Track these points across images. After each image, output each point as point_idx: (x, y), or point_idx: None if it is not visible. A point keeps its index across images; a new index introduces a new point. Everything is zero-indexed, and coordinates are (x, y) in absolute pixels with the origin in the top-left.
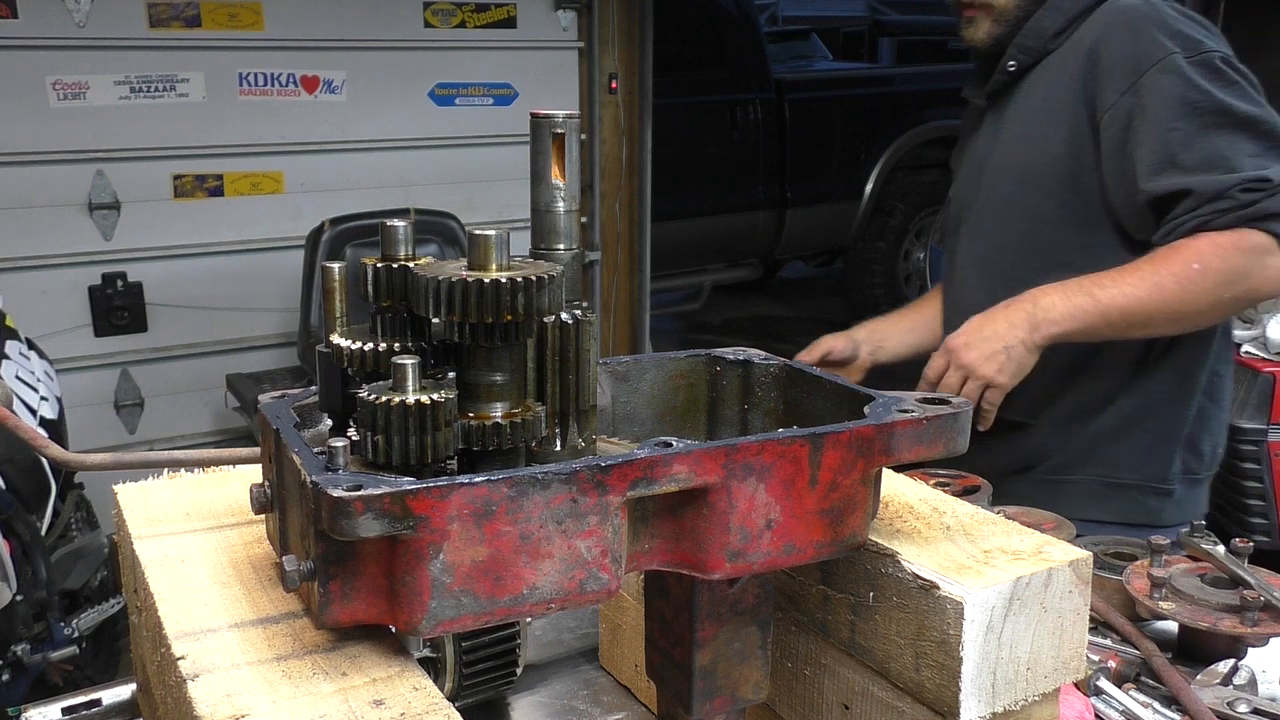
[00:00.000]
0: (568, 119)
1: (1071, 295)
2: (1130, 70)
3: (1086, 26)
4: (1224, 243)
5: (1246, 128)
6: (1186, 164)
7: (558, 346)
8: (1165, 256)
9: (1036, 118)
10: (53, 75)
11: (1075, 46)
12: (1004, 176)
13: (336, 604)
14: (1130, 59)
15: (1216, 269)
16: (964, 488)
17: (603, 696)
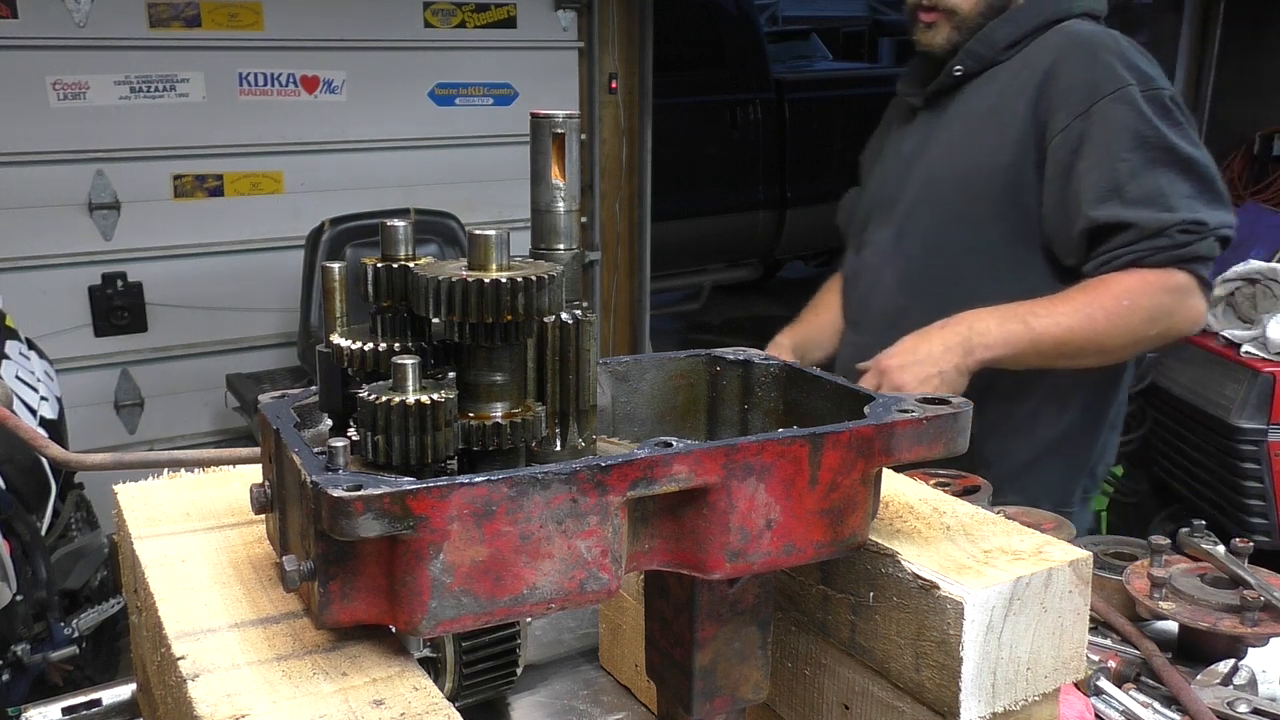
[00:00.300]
0: (568, 119)
1: (1006, 321)
2: (1085, 96)
3: (1040, 45)
4: (1154, 281)
5: (1186, 169)
6: (1129, 196)
7: (558, 346)
8: (1097, 289)
9: (981, 127)
10: (53, 75)
11: (1027, 63)
12: (941, 181)
13: (336, 604)
14: (1086, 85)
15: (1145, 306)
16: (964, 488)
17: (603, 696)
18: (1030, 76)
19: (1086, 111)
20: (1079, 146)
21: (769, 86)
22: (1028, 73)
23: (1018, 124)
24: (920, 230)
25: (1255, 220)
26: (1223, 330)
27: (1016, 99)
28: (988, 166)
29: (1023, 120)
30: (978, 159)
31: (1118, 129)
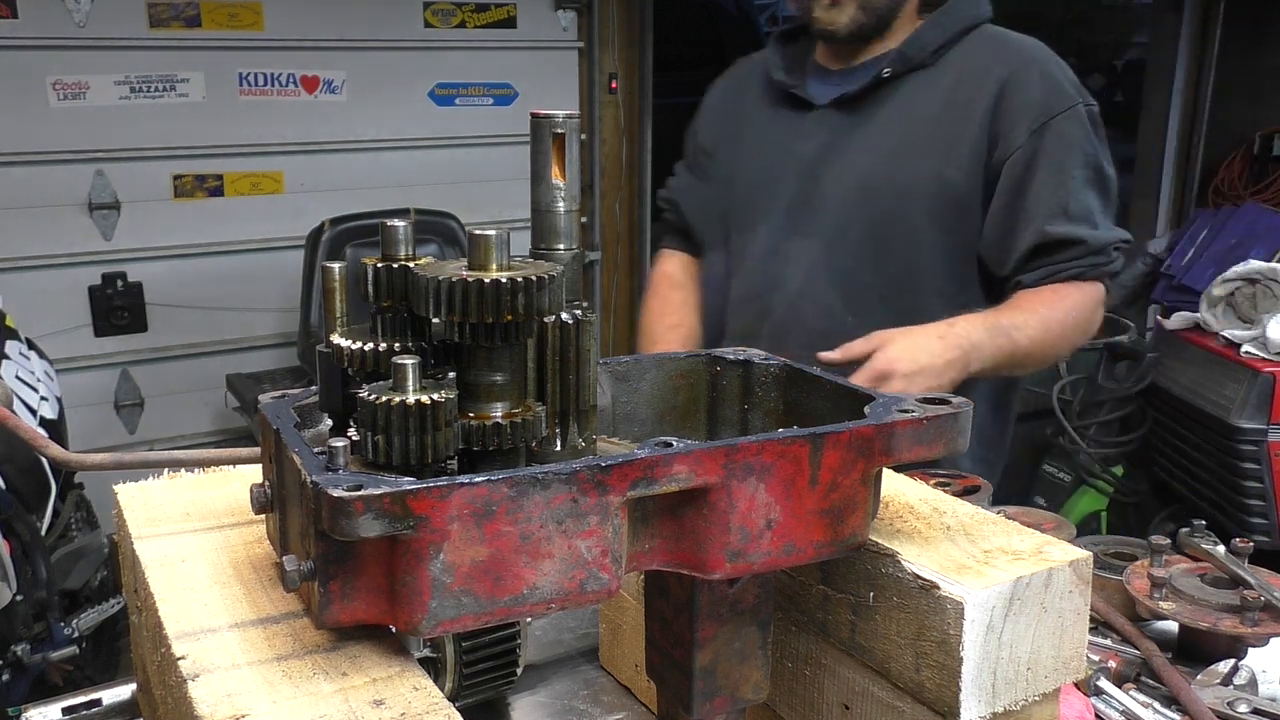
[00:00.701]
0: (568, 119)
1: (995, 337)
2: (1041, 113)
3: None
4: (1090, 294)
5: (1106, 187)
6: (1073, 213)
7: (558, 346)
8: (1051, 301)
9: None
10: (53, 75)
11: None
12: (878, 191)
13: (336, 604)
14: (1042, 102)
15: (1085, 319)
16: (964, 488)
17: (603, 696)
18: (981, 87)
19: (1041, 129)
20: (1032, 162)
21: None
22: (975, 83)
23: (971, 136)
24: (856, 243)
25: (1255, 220)
26: (1223, 330)
27: (968, 109)
28: (935, 177)
29: (976, 136)
30: (923, 169)
31: (1069, 146)
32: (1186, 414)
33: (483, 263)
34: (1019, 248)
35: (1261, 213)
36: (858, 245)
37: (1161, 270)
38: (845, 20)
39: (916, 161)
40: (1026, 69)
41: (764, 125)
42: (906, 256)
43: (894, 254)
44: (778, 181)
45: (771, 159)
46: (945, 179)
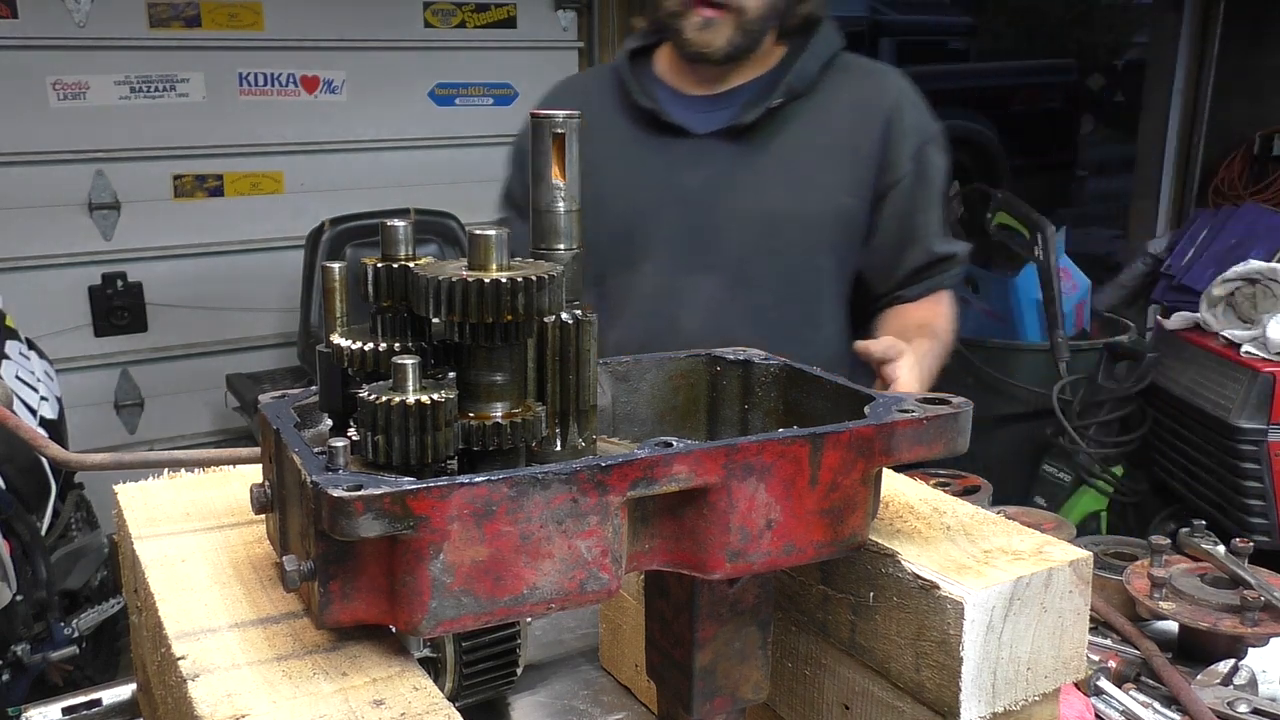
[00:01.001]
0: (568, 119)
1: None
2: (918, 139)
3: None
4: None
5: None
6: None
7: (558, 346)
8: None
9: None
10: (53, 75)
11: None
12: (781, 224)
13: (336, 604)
14: (918, 129)
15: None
16: (964, 488)
17: (603, 696)
18: (870, 116)
19: (918, 154)
20: (915, 186)
21: None
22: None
23: (864, 165)
24: (766, 278)
25: (1255, 220)
26: (1223, 330)
27: (860, 139)
28: (836, 208)
29: (868, 161)
30: (825, 200)
31: (939, 170)
32: (1186, 414)
33: (483, 263)
34: (907, 267)
35: (1261, 213)
36: (765, 280)
37: (1161, 270)
38: (722, 43)
39: (818, 193)
40: (903, 97)
41: (632, 155)
42: (812, 289)
43: (800, 287)
44: (659, 216)
45: (648, 191)
46: (844, 209)
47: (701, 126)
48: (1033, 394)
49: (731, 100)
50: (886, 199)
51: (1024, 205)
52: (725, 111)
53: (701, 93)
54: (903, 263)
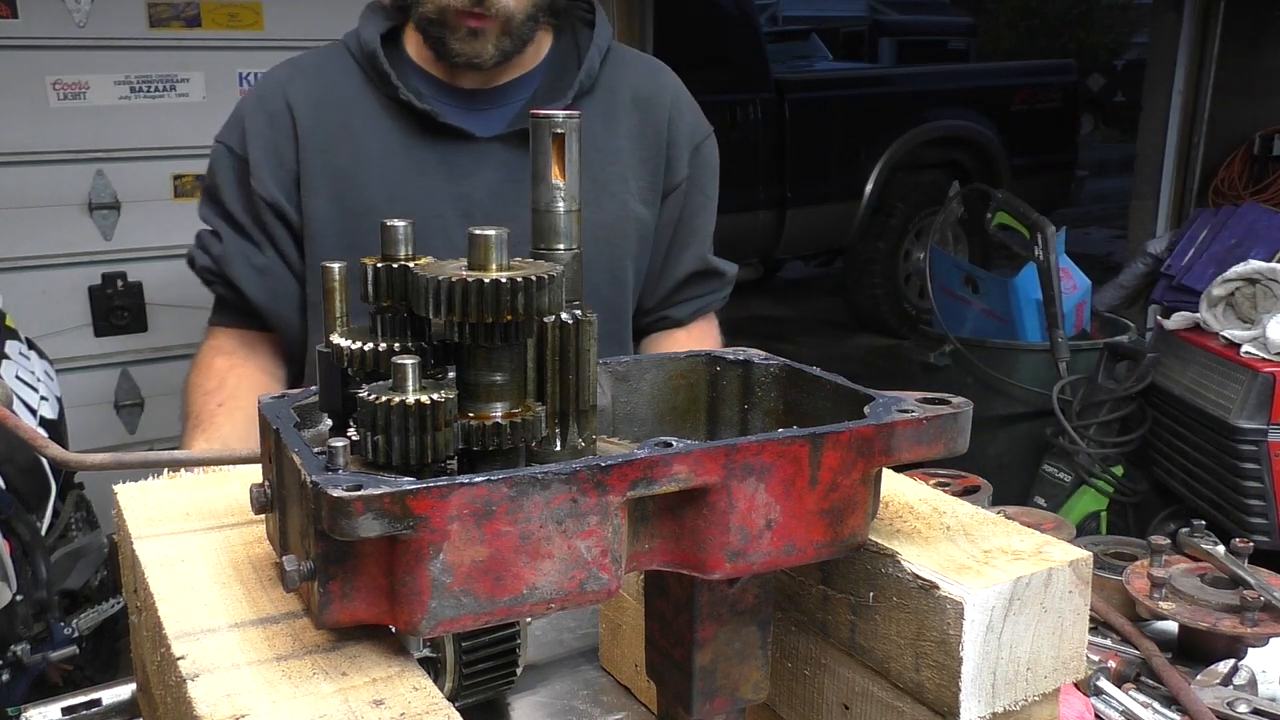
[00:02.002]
0: (568, 119)
1: None
2: (694, 138)
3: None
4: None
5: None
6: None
7: (558, 346)
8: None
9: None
10: (53, 75)
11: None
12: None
13: (336, 604)
14: (695, 126)
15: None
16: (964, 488)
17: (603, 696)
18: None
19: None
20: (691, 188)
21: (769, 86)
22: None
23: (654, 167)
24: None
25: (1255, 220)
26: (1223, 330)
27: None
28: (633, 215)
29: (658, 163)
30: (622, 207)
31: (715, 171)
32: (1186, 414)
33: (482, 263)
34: (680, 274)
35: (1261, 213)
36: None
37: (1161, 270)
38: (491, 51)
39: (613, 199)
40: (680, 93)
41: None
42: (618, 306)
43: (603, 300)
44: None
45: (426, 203)
46: (640, 216)
47: (482, 129)
48: (1033, 394)
49: (508, 97)
50: (666, 201)
51: (1024, 205)
52: (503, 110)
53: (471, 86)
54: (676, 269)
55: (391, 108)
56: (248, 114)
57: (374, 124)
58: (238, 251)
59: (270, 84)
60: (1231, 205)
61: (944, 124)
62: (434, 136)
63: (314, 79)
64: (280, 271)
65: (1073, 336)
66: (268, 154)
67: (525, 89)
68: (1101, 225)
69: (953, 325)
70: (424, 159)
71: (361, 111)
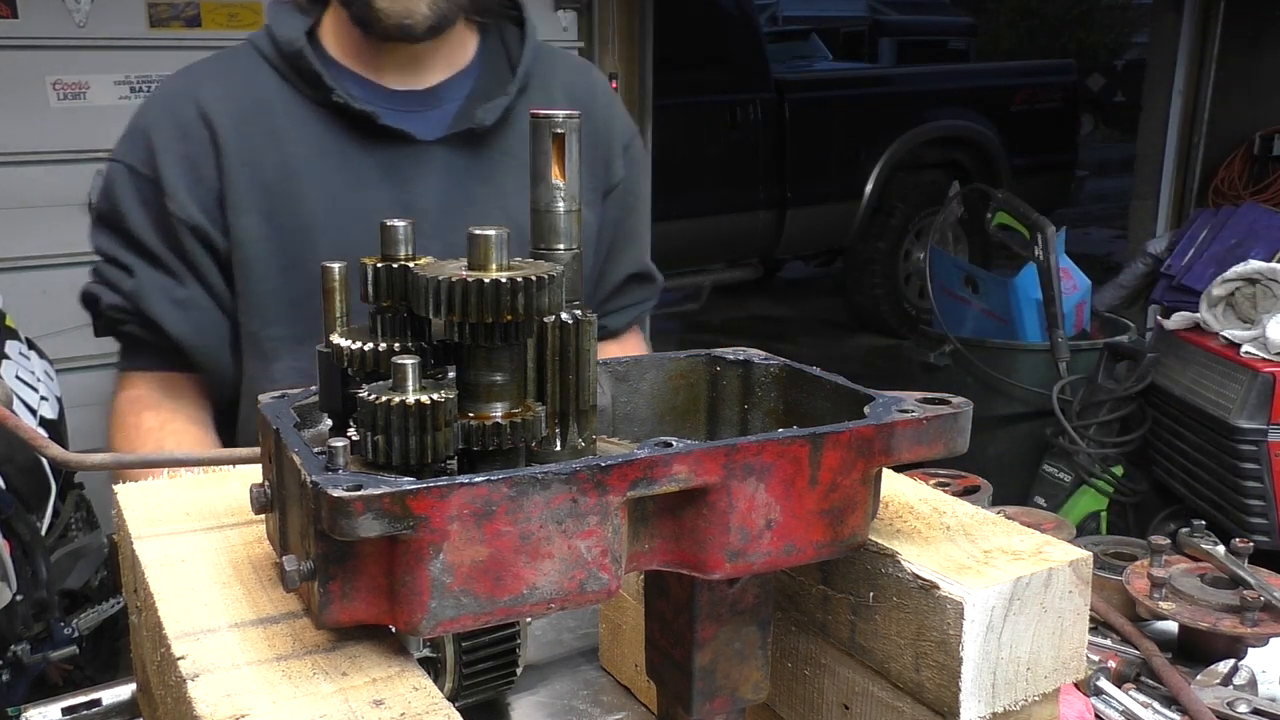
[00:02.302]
0: (568, 119)
1: None
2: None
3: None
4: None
5: None
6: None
7: (558, 346)
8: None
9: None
10: (53, 75)
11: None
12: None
13: (336, 604)
14: (627, 126)
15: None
16: (964, 488)
17: (603, 696)
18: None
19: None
20: (626, 189)
21: (769, 86)
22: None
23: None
24: None
25: (1255, 220)
26: (1223, 330)
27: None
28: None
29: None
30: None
31: (645, 173)
32: (1186, 414)
33: (482, 263)
34: (617, 276)
35: (1261, 213)
36: None
37: (1161, 270)
38: (425, 9)
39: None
40: (610, 91)
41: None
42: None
43: None
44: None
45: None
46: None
47: (423, 131)
48: (1033, 394)
49: (442, 98)
50: (606, 202)
51: (1024, 205)
52: (440, 112)
53: (404, 87)
54: (615, 272)
55: (320, 112)
56: (152, 127)
57: (303, 130)
58: (154, 285)
59: (174, 92)
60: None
61: (944, 124)
62: (371, 141)
63: (227, 83)
64: (205, 304)
65: (1073, 336)
66: (183, 171)
67: (459, 89)
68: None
69: (953, 325)
70: (362, 166)
71: (287, 117)
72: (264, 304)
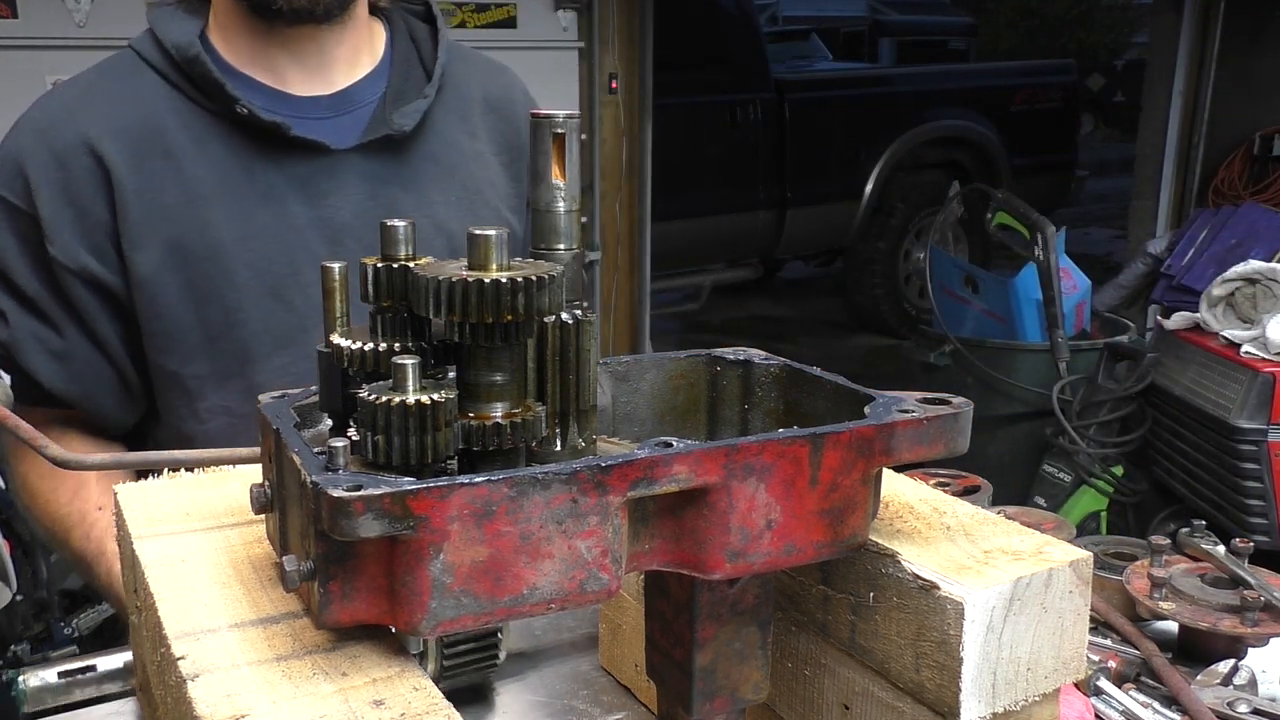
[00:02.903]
0: (568, 119)
1: None
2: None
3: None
4: None
5: None
6: None
7: (558, 346)
8: None
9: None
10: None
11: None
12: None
13: (336, 604)
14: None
15: None
16: (964, 488)
17: (603, 696)
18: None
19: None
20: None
21: (769, 86)
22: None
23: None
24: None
25: (1255, 220)
26: (1223, 330)
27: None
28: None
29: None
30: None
31: None
32: (1186, 414)
33: (483, 263)
34: None
35: (1261, 213)
36: None
37: (1161, 270)
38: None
39: (489, 207)
40: (526, 92)
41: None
42: None
43: None
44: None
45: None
46: (512, 226)
47: (337, 140)
48: (1033, 394)
49: (353, 102)
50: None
51: (1024, 205)
52: (352, 117)
53: (310, 92)
54: None
55: (222, 125)
56: (27, 158)
57: (204, 147)
58: (29, 334)
59: (50, 116)
60: (1231, 205)
61: (944, 124)
62: (282, 154)
63: (109, 102)
64: (87, 354)
65: (1073, 336)
66: (64, 206)
67: (371, 91)
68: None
69: (953, 325)
70: (272, 182)
71: (183, 134)
72: (179, 341)
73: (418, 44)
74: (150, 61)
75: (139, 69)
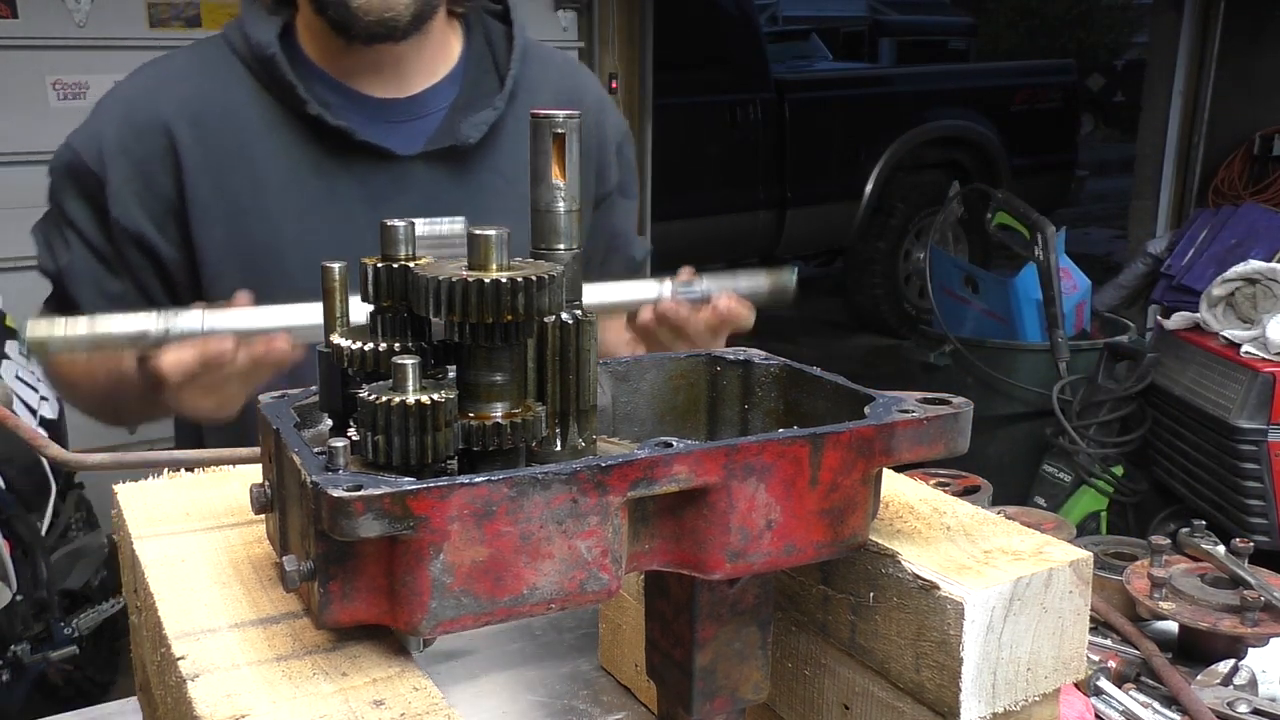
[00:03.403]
0: (568, 119)
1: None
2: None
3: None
4: None
5: None
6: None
7: (558, 346)
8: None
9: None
10: (53, 75)
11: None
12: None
13: (336, 604)
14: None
15: None
16: (964, 488)
17: (603, 696)
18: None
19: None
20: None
21: (769, 86)
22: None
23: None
24: None
25: (1255, 220)
26: (1223, 330)
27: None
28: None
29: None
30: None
31: (634, 172)
32: (1186, 414)
33: (483, 263)
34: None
35: (1261, 213)
36: None
37: (1161, 270)
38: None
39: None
40: (601, 92)
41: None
42: None
43: None
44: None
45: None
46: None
47: (401, 146)
48: (1033, 394)
49: (425, 108)
50: (599, 209)
51: (1024, 205)
52: (420, 124)
53: (385, 94)
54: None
55: (294, 121)
56: (106, 125)
57: (274, 141)
58: (85, 269)
59: (135, 92)
60: (1231, 205)
61: (944, 124)
62: (347, 156)
63: (191, 86)
64: (137, 304)
65: (1073, 336)
66: (132, 177)
67: (442, 98)
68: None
69: (953, 325)
70: (337, 182)
71: (257, 126)
72: None
73: (493, 47)
74: (237, 51)
75: (223, 56)
